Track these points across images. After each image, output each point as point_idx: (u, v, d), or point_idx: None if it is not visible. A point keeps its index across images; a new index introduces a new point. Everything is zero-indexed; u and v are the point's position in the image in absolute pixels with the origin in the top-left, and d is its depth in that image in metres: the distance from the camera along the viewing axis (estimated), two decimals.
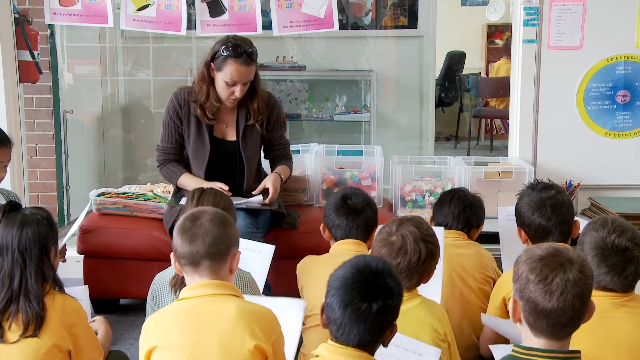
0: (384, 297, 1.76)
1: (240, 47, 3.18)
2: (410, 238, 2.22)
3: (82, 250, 3.49)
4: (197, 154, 3.35)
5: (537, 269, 1.72)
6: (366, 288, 1.77)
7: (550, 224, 2.60)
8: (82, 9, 3.80)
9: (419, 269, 2.22)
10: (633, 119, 3.91)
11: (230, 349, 1.91)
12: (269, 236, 3.34)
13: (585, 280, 1.72)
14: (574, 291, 1.70)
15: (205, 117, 3.31)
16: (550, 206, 2.62)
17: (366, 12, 6.47)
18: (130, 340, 3.23)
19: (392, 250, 2.21)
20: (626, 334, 2.03)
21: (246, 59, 3.18)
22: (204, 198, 2.49)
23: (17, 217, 2.21)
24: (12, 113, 3.90)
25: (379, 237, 2.28)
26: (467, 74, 8.07)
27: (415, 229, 2.24)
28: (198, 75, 3.32)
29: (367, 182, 3.72)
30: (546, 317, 1.71)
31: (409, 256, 2.20)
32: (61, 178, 4.73)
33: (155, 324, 2.02)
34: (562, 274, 1.70)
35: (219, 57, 3.21)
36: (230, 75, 3.20)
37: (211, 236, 2.01)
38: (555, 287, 1.69)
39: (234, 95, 3.25)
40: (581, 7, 3.81)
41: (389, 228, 2.28)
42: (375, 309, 1.74)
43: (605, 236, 2.09)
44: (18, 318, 2.13)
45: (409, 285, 2.21)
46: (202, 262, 2.01)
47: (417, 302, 2.21)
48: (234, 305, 1.97)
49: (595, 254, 2.08)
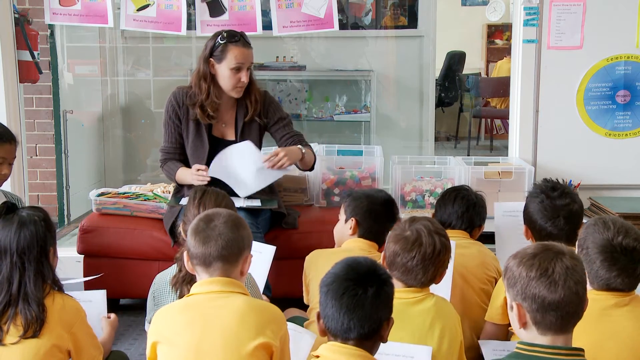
0: (378, 283, 1.80)
1: (236, 33, 3.26)
2: (424, 231, 2.24)
3: (82, 250, 3.49)
4: (196, 153, 3.34)
5: (534, 265, 1.75)
6: (359, 277, 1.80)
7: (562, 233, 2.62)
8: (82, 9, 3.80)
9: (434, 262, 2.22)
10: (633, 119, 3.91)
11: (236, 344, 1.93)
12: (269, 236, 3.34)
13: (580, 267, 1.77)
14: (574, 277, 1.73)
15: (206, 116, 3.30)
16: (564, 217, 2.65)
17: (366, 12, 6.47)
18: (130, 340, 3.23)
19: (406, 243, 2.22)
20: (628, 332, 2.03)
21: (244, 42, 3.25)
22: (206, 198, 2.49)
23: (14, 218, 2.19)
24: (12, 113, 3.90)
25: (392, 234, 2.29)
26: (467, 74, 8.06)
27: (428, 223, 2.28)
28: (196, 75, 3.31)
29: (367, 182, 3.72)
30: (554, 310, 1.72)
31: (424, 248, 2.21)
32: (61, 178, 4.73)
33: (163, 317, 2.04)
34: (560, 263, 1.74)
35: (217, 47, 3.23)
36: (235, 59, 3.21)
37: (224, 238, 2.04)
38: (558, 277, 1.72)
39: (241, 81, 3.25)
40: (581, 7, 3.81)
41: (402, 225, 2.30)
42: (371, 292, 1.77)
43: (611, 238, 2.08)
44: (17, 321, 2.12)
45: (424, 280, 2.22)
46: (213, 263, 2.04)
47: (431, 303, 2.22)
48: (241, 301, 2.00)
49: (604, 258, 2.07)
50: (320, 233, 3.33)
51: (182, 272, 2.35)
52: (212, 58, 3.26)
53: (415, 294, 2.21)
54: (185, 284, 2.32)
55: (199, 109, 3.30)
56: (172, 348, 1.98)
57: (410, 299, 2.20)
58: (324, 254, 2.70)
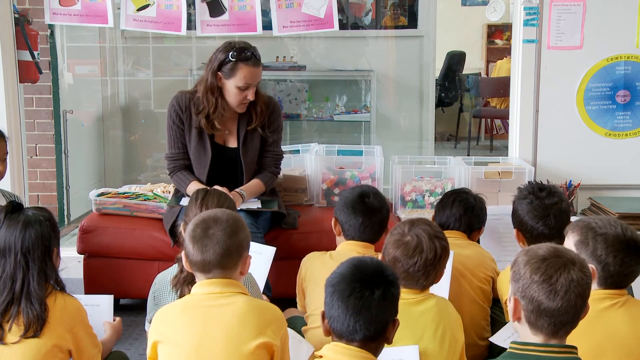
0: (384, 285, 1.79)
1: (246, 49, 3.18)
2: (425, 236, 2.23)
3: (82, 250, 3.49)
4: (198, 159, 3.32)
5: (541, 269, 1.73)
6: (366, 278, 1.80)
7: (553, 232, 2.63)
8: (82, 9, 3.80)
9: (435, 266, 2.23)
10: (633, 119, 3.91)
11: (237, 343, 1.94)
12: (269, 236, 3.34)
13: (586, 280, 1.74)
14: (577, 291, 1.71)
15: (210, 127, 3.26)
16: (554, 216, 2.66)
17: (366, 12, 6.47)
18: (130, 340, 3.23)
19: (407, 249, 2.22)
20: (624, 333, 2.03)
21: (255, 60, 3.19)
22: (208, 199, 2.49)
23: (20, 217, 2.20)
24: (12, 113, 3.90)
25: (392, 239, 2.28)
26: (467, 74, 8.07)
27: (428, 227, 2.27)
28: (204, 87, 3.25)
29: (367, 182, 3.71)
30: (549, 316, 1.71)
31: (425, 254, 2.21)
32: (61, 178, 4.73)
33: (164, 317, 2.05)
34: (566, 274, 1.72)
35: (227, 63, 3.17)
36: (243, 79, 3.17)
37: (222, 247, 2.04)
38: (559, 287, 1.71)
39: (246, 99, 3.22)
40: (581, 7, 3.81)
41: (400, 229, 2.28)
42: (378, 294, 1.77)
43: (622, 233, 2.06)
44: (19, 320, 2.13)
45: (425, 284, 2.23)
46: (213, 270, 2.05)
47: (432, 303, 2.22)
48: (242, 301, 2.01)
49: (622, 256, 2.05)
50: (320, 233, 3.33)
51: (183, 273, 2.34)
52: (220, 72, 3.21)
53: (416, 295, 2.22)
54: (186, 284, 2.32)
55: (204, 119, 3.26)
56: (173, 347, 1.98)
57: (411, 299, 2.20)
58: (321, 259, 2.69)
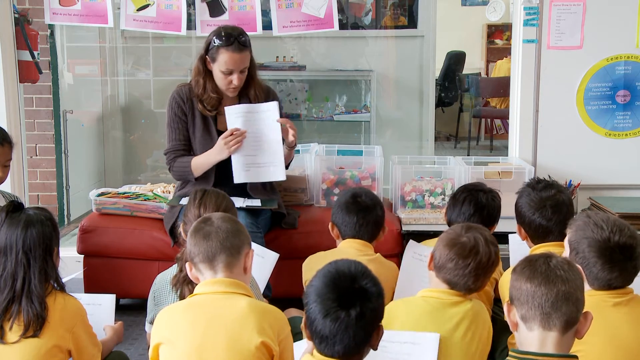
0: (361, 302, 1.71)
1: (232, 35, 3.21)
2: (482, 240, 2.23)
3: (82, 250, 3.49)
4: (205, 148, 3.31)
5: (529, 277, 1.75)
6: (341, 295, 1.71)
7: (551, 224, 2.61)
8: (82, 9, 3.81)
9: (486, 272, 2.23)
10: (633, 119, 3.91)
11: (238, 343, 1.94)
12: (269, 236, 3.34)
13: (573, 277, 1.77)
14: (561, 276, 1.74)
15: (206, 109, 3.31)
16: (551, 207, 2.63)
17: (366, 12, 6.46)
18: (130, 340, 3.23)
19: (463, 249, 2.21)
20: (625, 333, 2.03)
21: (238, 45, 3.19)
22: (207, 198, 2.50)
23: (21, 217, 2.21)
24: (12, 113, 3.90)
25: (445, 237, 2.27)
26: (467, 74, 8.07)
27: (485, 232, 2.28)
28: (194, 70, 3.34)
29: (367, 182, 3.72)
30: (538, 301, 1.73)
31: (480, 256, 2.21)
32: (61, 178, 4.73)
33: (166, 318, 2.05)
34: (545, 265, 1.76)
35: (212, 48, 3.23)
36: (225, 64, 3.21)
37: (224, 230, 2.08)
38: (541, 271, 1.74)
39: (232, 84, 3.25)
40: (581, 7, 3.81)
41: (456, 231, 2.28)
42: (354, 315, 1.69)
43: (607, 239, 2.05)
44: (19, 319, 2.13)
45: (472, 287, 2.23)
46: (217, 256, 2.06)
47: (468, 307, 2.21)
48: (245, 302, 2.01)
49: (605, 260, 2.05)
50: (320, 233, 3.33)
51: (182, 273, 2.34)
52: (207, 56, 3.27)
53: (455, 297, 2.21)
54: (186, 284, 2.33)
55: (199, 103, 3.31)
56: (175, 348, 1.98)
57: (447, 300, 2.20)
58: (323, 259, 2.68)
